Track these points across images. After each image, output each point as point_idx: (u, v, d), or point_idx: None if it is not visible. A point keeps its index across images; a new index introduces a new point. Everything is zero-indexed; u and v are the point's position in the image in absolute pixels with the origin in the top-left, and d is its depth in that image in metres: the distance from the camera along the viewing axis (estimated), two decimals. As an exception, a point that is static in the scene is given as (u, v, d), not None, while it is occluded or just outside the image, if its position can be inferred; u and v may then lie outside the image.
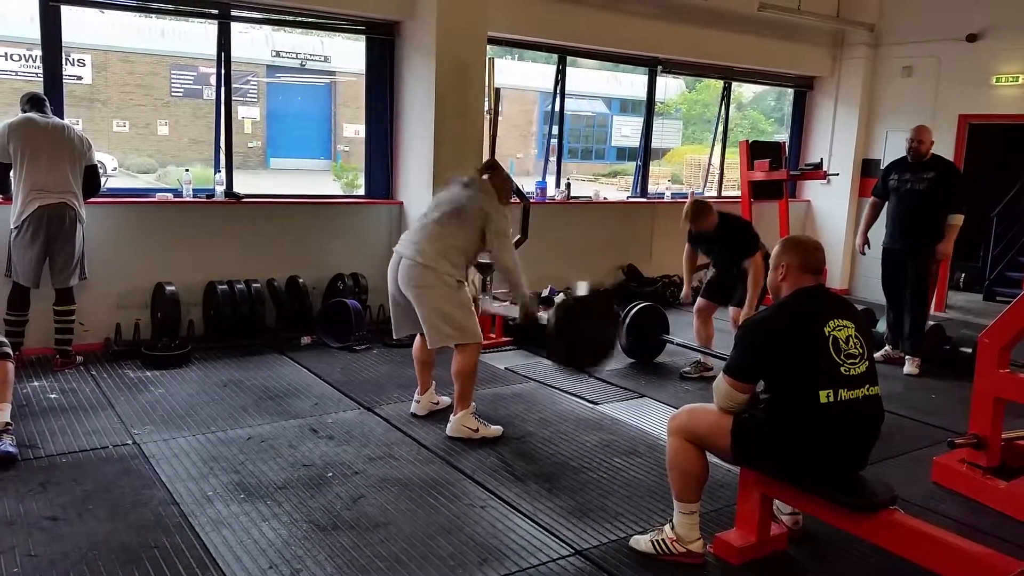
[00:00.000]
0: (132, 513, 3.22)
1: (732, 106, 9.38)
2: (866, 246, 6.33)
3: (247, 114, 17.68)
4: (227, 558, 2.93)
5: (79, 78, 15.28)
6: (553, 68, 7.71)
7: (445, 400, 4.60)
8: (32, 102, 4.97)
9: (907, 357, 5.98)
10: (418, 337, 4.46)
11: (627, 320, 5.66)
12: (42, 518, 3.14)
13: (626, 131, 24.29)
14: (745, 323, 2.96)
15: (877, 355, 5.61)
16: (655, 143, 9.37)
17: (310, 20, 6.49)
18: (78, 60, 15.15)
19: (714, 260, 5.65)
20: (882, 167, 8.87)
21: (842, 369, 2.75)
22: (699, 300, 5.61)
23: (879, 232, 6.22)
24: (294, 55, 18.39)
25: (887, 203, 6.11)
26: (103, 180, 5.38)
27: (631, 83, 22.57)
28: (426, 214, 4.35)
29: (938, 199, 5.79)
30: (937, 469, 3.94)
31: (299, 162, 18.40)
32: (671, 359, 5.93)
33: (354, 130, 16.96)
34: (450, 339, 4.15)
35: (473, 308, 4.28)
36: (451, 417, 4.27)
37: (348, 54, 16.64)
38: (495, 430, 4.27)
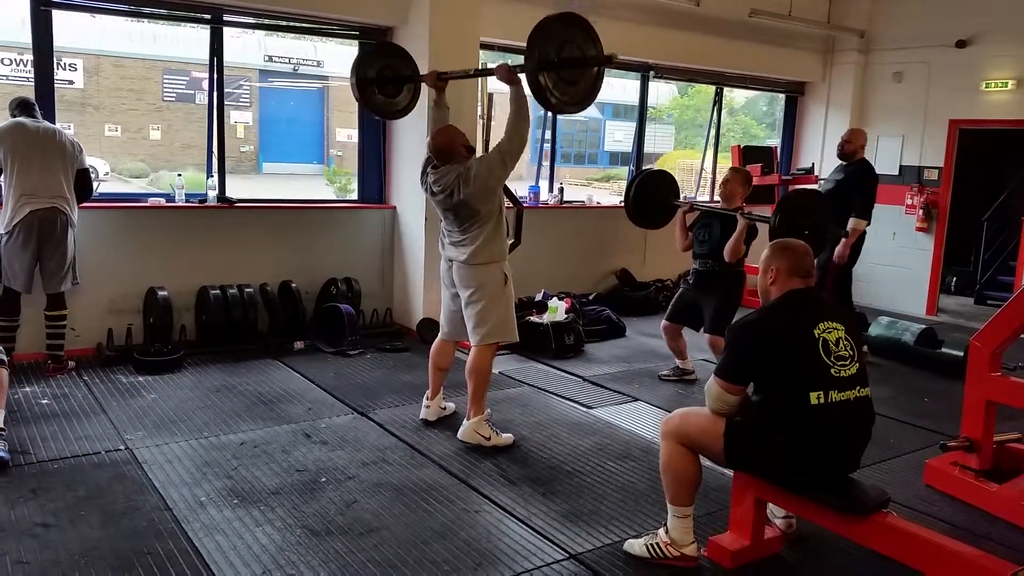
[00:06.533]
0: (125, 519, 3.21)
1: (724, 111, 9.41)
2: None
3: (240, 119, 17.67)
4: (220, 564, 2.92)
5: (71, 82, 15.24)
6: (546, 73, 7.71)
7: (451, 406, 4.60)
8: (22, 107, 4.95)
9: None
10: (437, 341, 4.49)
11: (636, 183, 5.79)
12: (34, 524, 3.13)
13: (619, 136, 24.34)
14: (735, 325, 2.97)
15: None
16: (647, 148, 9.42)
17: (303, 25, 6.48)
18: (70, 64, 15.12)
19: (699, 250, 5.34)
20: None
21: (832, 371, 2.76)
22: (664, 322, 5.50)
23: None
24: (287, 60, 18.38)
25: None
26: (95, 184, 5.37)
27: (623, 88, 22.56)
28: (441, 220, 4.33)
29: (837, 201, 5.86)
30: (929, 472, 3.97)
31: (292, 167, 18.39)
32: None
33: (347, 135, 16.96)
34: (492, 337, 4.19)
35: (513, 303, 4.30)
36: (464, 421, 4.25)
37: (341, 59, 16.66)
38: (507, 438, 4.23)
